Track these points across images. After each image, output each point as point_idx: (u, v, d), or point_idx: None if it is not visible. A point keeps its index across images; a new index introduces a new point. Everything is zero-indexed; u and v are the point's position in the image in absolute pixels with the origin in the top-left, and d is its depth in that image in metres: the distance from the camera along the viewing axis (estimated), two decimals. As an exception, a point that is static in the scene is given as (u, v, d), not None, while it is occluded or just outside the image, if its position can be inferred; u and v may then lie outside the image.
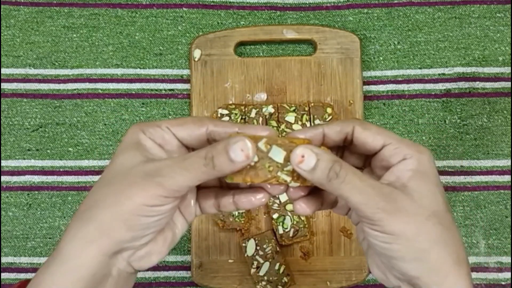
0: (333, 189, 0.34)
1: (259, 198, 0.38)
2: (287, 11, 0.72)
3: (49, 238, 0.67)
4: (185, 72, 0.71)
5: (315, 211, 0.39)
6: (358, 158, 0.40)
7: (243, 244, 0.64)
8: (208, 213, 0.41)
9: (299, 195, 0.38)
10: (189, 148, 0.39)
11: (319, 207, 0.39)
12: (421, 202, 0.35)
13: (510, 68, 0.70)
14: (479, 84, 0.70)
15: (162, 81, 0.70)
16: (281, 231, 0.63)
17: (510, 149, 0.69)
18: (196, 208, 0.40)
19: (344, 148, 0.40)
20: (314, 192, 0.39)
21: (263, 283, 0.63)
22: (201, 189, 0.40)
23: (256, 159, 0.34)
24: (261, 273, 0.63)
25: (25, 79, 0.70)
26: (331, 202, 0.40)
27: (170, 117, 0.69)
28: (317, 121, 0.65)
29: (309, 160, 0.34)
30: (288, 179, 0.35)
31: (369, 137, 0.37)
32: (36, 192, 0.68)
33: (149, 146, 0.37)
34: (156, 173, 0.34)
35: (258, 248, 0.63)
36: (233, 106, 0.66)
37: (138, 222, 0.35)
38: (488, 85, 0.70)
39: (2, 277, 0.66)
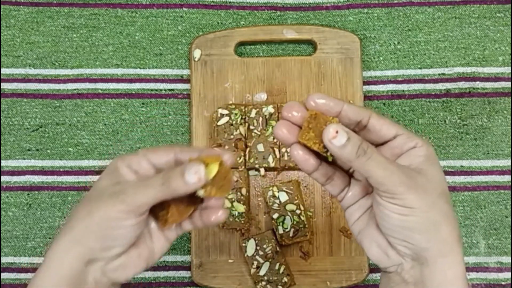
0: (359, 165, 0.38)
1: (219, 215, 0.44)
2: (287, 11, 0.72)
3: (49, 238, 0.67)
4: (185, 72, 0.71)
5: (314, 167, 0.41)
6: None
7: (243, 244, 0.64)
8: (186, 230, 0.46)
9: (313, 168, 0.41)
10: None
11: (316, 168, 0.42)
12: (434, 182, 0.39)
13: (510, 68, 0.70)
14: (479, 84, 0.70)
15: (162, 81, 0.70)
16: (281, 231, 0.63)
17: (510, 149, 0.69)
18: (176, 227, 0.45)
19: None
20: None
21: (263, 283, 0.63)
22: None
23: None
24: (261, 273, 0.63)
25: (25, 79, 0.70)
26: (329, 174, 0.43)
27: (170, 117, 0.69)
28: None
29: (342, 137, 0.37)
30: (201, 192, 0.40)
31: (384, 125, 0.40)
32: (36, 192, 0.68)
33: (124, 172, 0.43)
34: (121, 191, 0.40)
35: (258, 248, 0.63)
36: (233, 106, 0.66)
37: (105, 233, 0.40)
38: (488, 85, 0.70)
39: (2, 277, 0.66)
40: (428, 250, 0.38)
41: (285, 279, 0.63)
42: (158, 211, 0.43)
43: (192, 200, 0.43)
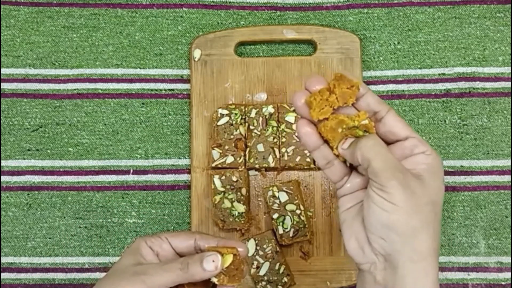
0: (362, 152, 0.40)
1: None
2: (287, 11, 0.72)
3: (49, 238, 0.67)
4: (185, 72, 0.71)
5: (314, 145, 0.43)
6: None
7: (243, 244, 0.64)
8: None
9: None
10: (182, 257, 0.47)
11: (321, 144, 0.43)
12: (427, 190, 0.40)
13: (510, 68, 0.70)
14: (479, 84, 0.70)
15: (162, 81, 0.70)
16: (281, 231, 0.63)
17: (510, 149, 0.69)
18: None
19: None
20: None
21: (263, 283, 0.63)
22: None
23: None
24: (261, 273, 0.63)
25: (25, 79, 0.70)
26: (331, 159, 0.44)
27: (170, 117, 0.69)
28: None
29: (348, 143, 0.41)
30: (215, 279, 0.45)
31: (399, 123, 0.42)
32: (36, 192, 0.68)
33: (145, 253, 0.47)
34: (142, 272, 0.44)
35: (258, 248, 0.63)
36: (233, 106, 0.66)
37: None
38: (488, 85, 0.70)
39: (2, 277, 0.66)
40: (400, 253, 0.39)
41: (285, 279, 0.63)
42: None
43: (206, 284, 0.46)
